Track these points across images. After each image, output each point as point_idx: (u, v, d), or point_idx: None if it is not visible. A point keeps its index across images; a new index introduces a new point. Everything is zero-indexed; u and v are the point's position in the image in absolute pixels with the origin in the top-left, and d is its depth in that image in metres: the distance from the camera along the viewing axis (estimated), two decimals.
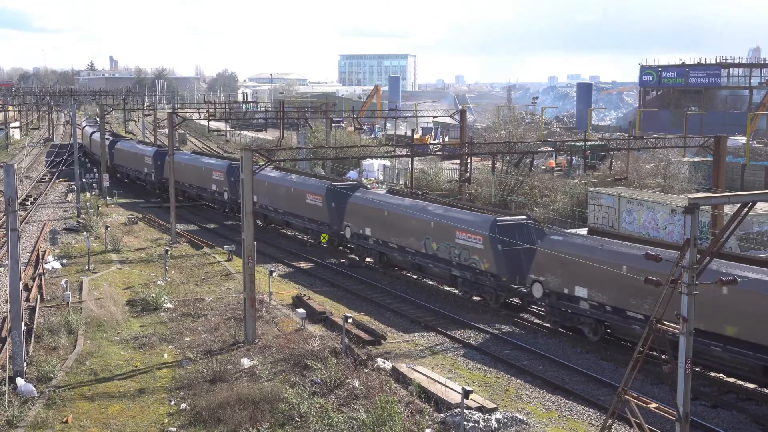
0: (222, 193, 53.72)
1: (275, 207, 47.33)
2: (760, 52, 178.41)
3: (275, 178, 47.48)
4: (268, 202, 47.82)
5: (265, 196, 47.52)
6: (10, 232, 23.64)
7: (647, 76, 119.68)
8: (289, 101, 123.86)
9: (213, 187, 54.95)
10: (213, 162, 57.81)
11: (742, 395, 23.25)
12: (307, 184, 44.47)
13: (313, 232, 43.93)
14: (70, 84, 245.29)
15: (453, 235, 32.62)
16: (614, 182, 49.44)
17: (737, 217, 14.61)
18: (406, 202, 36.65)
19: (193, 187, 58.28)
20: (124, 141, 77.35)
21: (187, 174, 58.03)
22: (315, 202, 42.81)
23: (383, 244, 37.32)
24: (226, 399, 21.40)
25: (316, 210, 42.87)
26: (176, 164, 54.57)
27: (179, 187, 56.89)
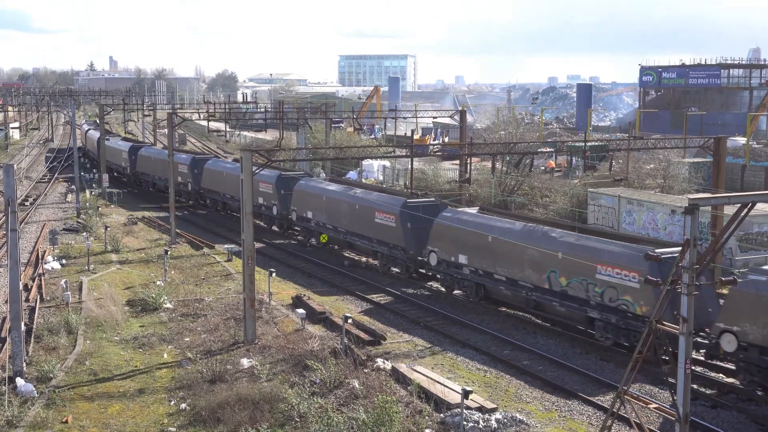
0: (270, 207, 48.33)
1: (335, 225, 41.47)
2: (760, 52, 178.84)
3: (335, 192, 41.94)
4: (326, 220, 42.21)
5: (322, 212, 42.35)
6: (10, 232, 23.64)
7: (647, 76, 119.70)
8: (288, 102, 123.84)
9: (259, 200, 48.39)
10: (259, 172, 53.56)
11: (742, 396, 23.24)
12: (375, 201, 38.66)
13: (383, 256, 38.30)
14: (70, 84, 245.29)
15: (592, 270, 26.79)
16: (614, 183, 49.36)
17: (737, 218, 14.62)
18: (517, 226, 30.76)
19: (236, 199, 49.70)
20: (149, 148, 72.13)
21: (228, 184, 52.29)
22: (386, 222, 37.23)
23: (485, 275, 31.62)
24: (225, 399, 21.41)
25: (388, 231, 37.20)
26: (215, 173, 54.77)
27: (218, 198, 55.10)
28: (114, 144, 75.64)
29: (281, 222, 48.34)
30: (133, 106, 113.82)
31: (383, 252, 37.94)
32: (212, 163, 57.30)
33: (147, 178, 66.85)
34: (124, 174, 71.91)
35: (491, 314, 31.64)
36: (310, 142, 73.24)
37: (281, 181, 47.36)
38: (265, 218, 49.65)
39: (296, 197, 44.86)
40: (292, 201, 45.26)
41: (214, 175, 55.40)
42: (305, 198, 43.95)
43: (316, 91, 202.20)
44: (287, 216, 46.38)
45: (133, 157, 68.99)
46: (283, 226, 48.33)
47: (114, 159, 73.51)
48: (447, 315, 31.36)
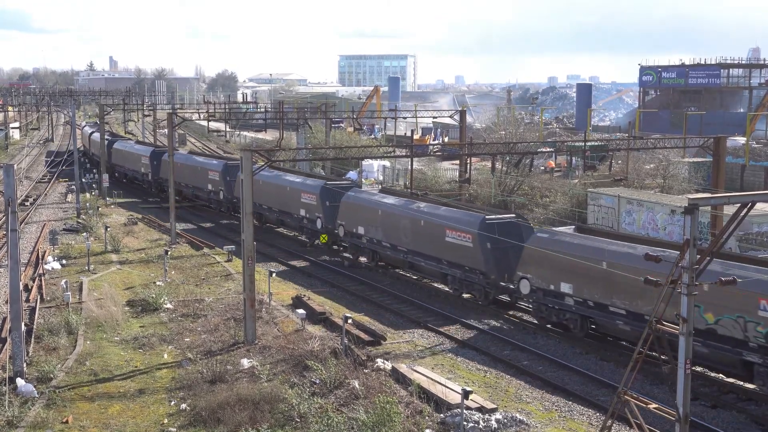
0: (314, 220, 43.69)
1: (393, 243, 36.63)
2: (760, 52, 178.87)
3: (394, 206, 37.06)
4: (382, 236, 37.26)
5: (377, 227, 37.57)
6: (10, 232, 23.64)
7: (647, 76, 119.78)
8: (288, 102, 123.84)
9: (301, 212, 44.87)
10: (300, 181, 46.16)
11: (742, 395, 23.25)
12: (446, 217, 33.45)
13: (455, 279, 33.35)
14: (70, 84, 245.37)
15: (753, 304, 22.07)
16: (614, 183, 49.45)
17: (737, 218, 14.62)
18: (639, 251, 25.18)
19: (275, 210, 48.06)
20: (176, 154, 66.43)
21: (267, 194, 47.71)
22: (461, 242, 32.26)
23: (596, 307, 26.82)
24: (226, 399, 21.42)
25: (463, 252, 32.23)
26: (262, 183, 46.85)
27: (258, 210, 47.29)
28: (129, 148, 72.21)
29: (329, 234, 43.31)
30: (133, 106, 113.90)
31: (455, 275, 33.02)
32: None
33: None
34: (144, 181, 66.92)
35: (491, 314, 31.65)
36: (310, 142, 73.26)
37: (326, 192, 42.63)
38: (308, 232, 44.74)
39: (345, 210, 40.17)
40: (340, 214, 40.59)
41: None
42: (356, 211, 39.32)
43: (316, 91, 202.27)
44: (333, 230, 42.05)
45: (156, 162, 63.52)
46: (328, 242, 43.63)
47: (130, 164, 69.97)
48: (447, 315, 31.37)
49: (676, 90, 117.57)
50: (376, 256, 38.50)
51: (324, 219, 42.55)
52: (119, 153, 72.67)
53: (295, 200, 44.87)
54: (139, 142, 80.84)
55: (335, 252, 43.01)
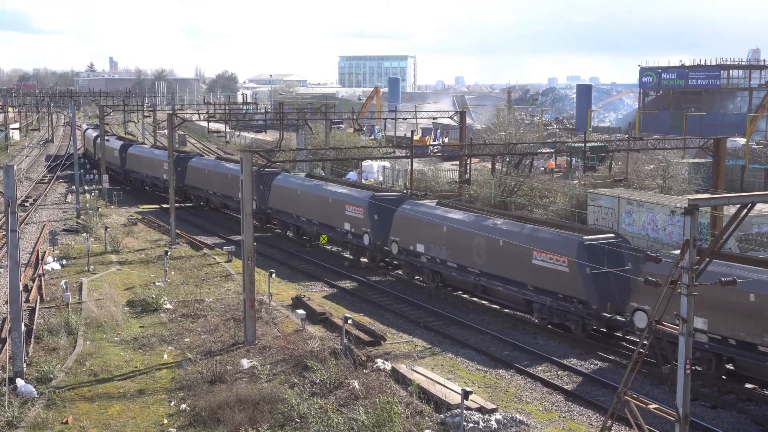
0: (360, 235, 39.11)
1: (463, 264, 32.20)
2: (760, 53, 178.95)
3: (463, 222, 32.52)
4: (448, 255, 33.04)
5: (441, 245, 33.29)
6: (10, 233, 23.65)
7: (647, 77, 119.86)
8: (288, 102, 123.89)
9: (346, 227, 40.16)
10: (345, 192, 41.58)
11: (742, 396, 23.25)
12: (533, 237, 29.51)
13: (543, 307, 29.12)
14: (70, 85, 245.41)
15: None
16: (614, 183, 49.46)
17: (737, 218, 14.63)
18: None
19: (314, 223, 43.87)
20: (200, 158, 62.60)
21: (312, 207, 43.63)
22: (553, 265, 28.10)
23: (745, 348, 22.49)
24: (225, 400, 21.42)
25: (555, 277, 28.08)
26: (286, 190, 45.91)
27: (296, 222, 45.65)
28: (148, 153, 67.17)
29: (374, 254, 39.02)
30: (133, 107, 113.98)
31: (545, 303, 28.90)
32: (283, 179, 47.91)
33: (198, 193, 58.70)
34: (165, 188, 60.09)
35: (491, 314, 31.65)
36: (310, 143, 73.29)
37: (375, 204, 38.60)
38: (354, 248, 40.44)
39: (399, 225, 36.07)
40: (393, 229, 36.52)
41: (285, 193, 46.64)
42: (414, 226, 35.12)
43: (316, 92, 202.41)
44: (382, 247, 38.00)
45: (180, 168, 58.83)
46: (375, 259, 39.08)
47: (149, 170, 65.17)
48: (447, 315, 31.37)
49: (676, 91, 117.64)
50: (438, 277, 34.26)
51: (372, 234, 38.29)
52: (136, 158, 68.34)
53: (339, 213, 40.56)
54: (159, 147, 76.07)
55: (382, 270, 38.65)
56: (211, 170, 55.80)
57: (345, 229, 40.17)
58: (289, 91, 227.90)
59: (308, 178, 47.26)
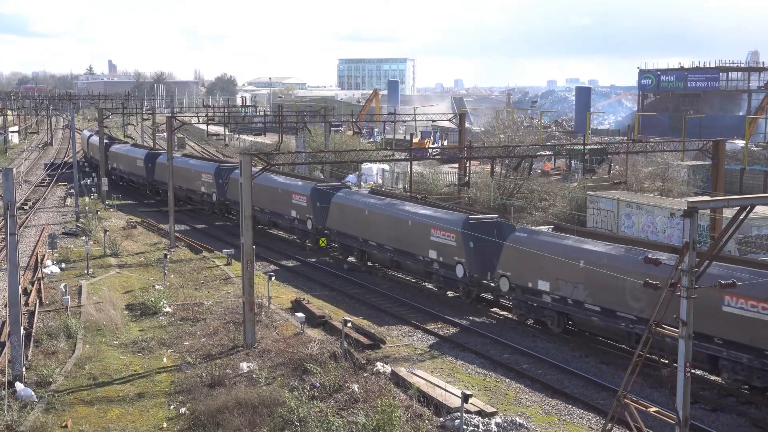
0: (452, 266, 33.16)
1: (612, 308, 26.25)
2: (759, 55, 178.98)
3: (607, 256, 26.54)
4: (586, 296, 27.17)
5: (576, 284, 27.43)
6: (9, 236, 23.62)
7: (646, 79, 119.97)
8: (288, 105, 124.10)
9: (431, 254, 34.40)
10: (429, 213, 35.47)
11: (742, 399, 23.23)
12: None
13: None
14: (69, 88, 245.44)
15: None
16: (613, 186, 49.49)
17: (736, 221, 14.62)
18: None
19: (387, 249, 37.73)
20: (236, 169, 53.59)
21: (383, 228, 37.67)
22: (753, 313, 22.08)
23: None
24: (225, 403, 21.38)
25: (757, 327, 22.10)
26: (368, 214, 38.70)
27: (363, 247, 39.53)
28: (182, 163, 59.52)
29: (470, 288, 32.88)
30: (132, 110, 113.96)
31: (740, 361, 22.77)
32: (344, 196, 41.67)
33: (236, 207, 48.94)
34: (204, 203, 55.99)
35: (491, 317, 31.63)
36: (309, 146, 73.34)
37: (472, 229, 32.34)
38: (442, 280, 34.26)
39: (513, 257, 30.07)
40: (503, 262, 30.61)
41: (349, 212, 40.40)
42: (534, 260, 28.90)
43: (316, 95, 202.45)
44: (480, 280, 32.14)
45: (222, 181, 53.75)
46: (470, 294, 32.91)
47: (183, 183, 58.37)
48: (447, 318, 31.35)
49: (675, 93, 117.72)
50: (565, 319, 28.76)
51: (469, 265, 32.25)
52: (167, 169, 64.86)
53: (423, 238, 34.51)
54: (193, 155, 71.61)
55: (480, 310, 32.66)
56: (258, 184, 50.34)
57: (430, 257, 34.11)
58: (288, 93, 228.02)
59: (372, 194, 41.47)
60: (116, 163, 73.49)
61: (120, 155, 72.83)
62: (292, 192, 45.25)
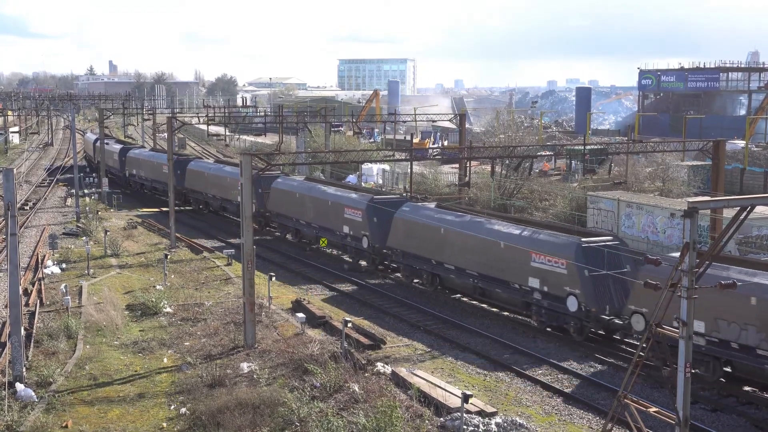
0: (563, 297, 28.13)
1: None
2: (759, 56, 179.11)
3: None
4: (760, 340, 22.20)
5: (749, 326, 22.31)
6: (10, 236, 23.64)
7: (646, 80, 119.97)
8: (288, 105, 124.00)
9: (532, 284, 29.41)
10: (527, 236, 30.23)
11: (742, 399, 23.23)
12: None
13: None
14: (70, 89, 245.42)
15: None
16: (613, 186, 49.49)
17: (736, 221, 14.62)
18: None
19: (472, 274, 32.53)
20: (288, 179, 49.15)
21: (470, 252, 32.27)
22: None
23: None
24: (225, 403, 21.39)
25: None
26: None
27: (423, 266, 35.13)
28: (217, 170, 55.53)
29: (584, 324, 27.93)
30: (132, 111, 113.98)
31: None
32: (410, 211, 36.71)
33: (283, 221, 47.61)
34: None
35: (491, 318, 31.63)
36: (309, 146, 73.34)
37: (587, 255, 27.68)
38: (545, 313, 29.33)
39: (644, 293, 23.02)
40: (635, 295, 25.40)
41: (416, 229, 35.54)
42: None
43: (316, 95, 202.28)
44: (598, 315, 27.26)
45: (262, 190, 48.53)
46: (584, 331, 28.08)
47: (216, 191, 54.06)
48: (447, 319, 31.35)
49: (675, 94, 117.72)
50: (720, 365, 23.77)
51: (585, 297, 27.35)
52: (198, 176, 57.50)
53: (520, 263, 29.71)
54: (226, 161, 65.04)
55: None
56: (304, 195, 44.62)
57: (531, 287, 29.34)
58: (288, 94, 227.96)
59: (470, 212, 35.13)
60: (136, 169, 67.57)
61: (141, 161, 66.68)
62: (345, 205, 40.31)
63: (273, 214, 48.17)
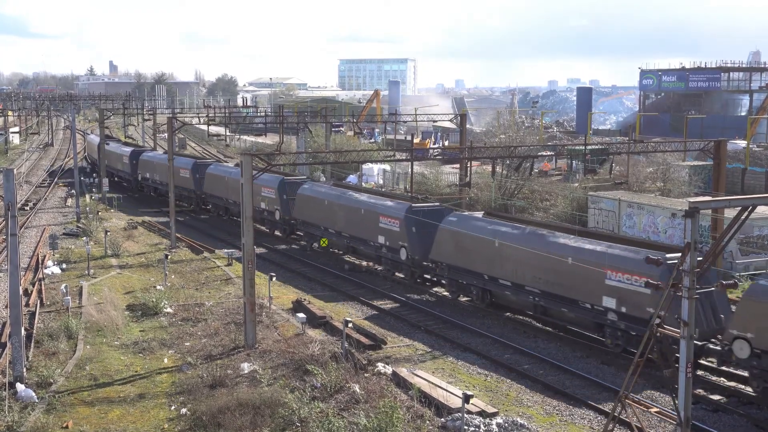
0: (638, 316, 24.94)
1: None
2: (760, 55, 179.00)
3: None
4: None
5: None
6: (10, 236, 23.62)
7: (647, 80, 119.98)
8: (288, 105, 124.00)
9: (607, 303, 26.14)
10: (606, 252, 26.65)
11: (744, 399, 23.20)
12: None
13: None
14: (70, 89, 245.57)
15: None
16: (614, 186, 49.46)
17: (738, 221, 14.60)
18: None
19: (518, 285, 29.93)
20: (315, 185, 46.20)
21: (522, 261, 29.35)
22: None
23: None
24: (226, 404, 21.38)
25: None
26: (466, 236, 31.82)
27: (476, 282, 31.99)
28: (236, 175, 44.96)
29: None
30: (133, 111, 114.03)
31: None
32: (458, 222, 33.48)
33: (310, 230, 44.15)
34: (268, 221, 47.16)
35: (492, 318, 31.60)
36: (310, 146, 73.33)
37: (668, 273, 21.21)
38: (620, 335, 26.17)
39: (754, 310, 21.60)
40: (740, 317, 22.13)
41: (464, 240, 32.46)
42: None
43: (316, 95, 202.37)
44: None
45: (285, 196, 46.50)
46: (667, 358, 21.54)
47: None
48: (447, 319, 31.31)
49: (676, 93, 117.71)
50: None
51: None
52: (217, 180, 54.42)
53: (597, 283, 26.19)
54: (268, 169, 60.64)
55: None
56: (333, 201, 41.67)
57: (607, 306, 26.19)
58: (289, 94, 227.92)
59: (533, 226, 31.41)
60: (149, 173, 64.20)
61: (155, 164, 62.88)
62: (380, 214, 37.33)
63: (299, 222, 45.13)
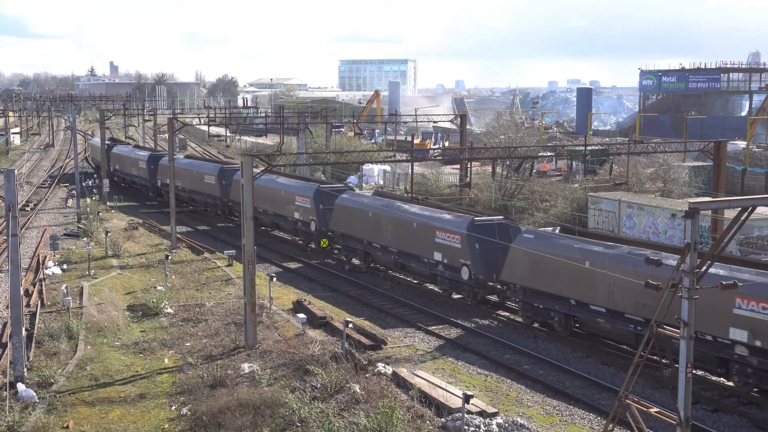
0: None
1: None
2: (760, 56, 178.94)
3: None
4: None
5: None
6: (11, 237, 23.65)
7: (647, 80, 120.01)
8: (289, 106, 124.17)
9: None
10: None
11: (744, 399, 23.23)
12: None
13: None
14: (71, 89, 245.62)
15: None
16: (614, 187, 49.50)
17: (737, 222, 14.61)
18: None
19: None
20: (355, 194, 43.54)
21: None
22: None
23: None
24: (226, 404, 21.40)
25: None
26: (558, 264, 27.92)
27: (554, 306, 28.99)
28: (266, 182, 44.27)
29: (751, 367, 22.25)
30: (133, 111, 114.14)
31: None
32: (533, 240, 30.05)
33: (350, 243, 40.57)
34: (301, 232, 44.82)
35: (492, 318, 31.62)
36: (310, 147, 73.38)
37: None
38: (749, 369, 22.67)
39: None
40: None
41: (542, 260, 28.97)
42: None
43: (317, 96, 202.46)
44: None
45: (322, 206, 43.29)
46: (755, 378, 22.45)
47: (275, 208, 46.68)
48: (448, 319, 31.33)
49: (676, 94, 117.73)
50: None
51: None
52: (270, 193, 47.57)
53: (725, 312, 22.49)
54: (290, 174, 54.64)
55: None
56: (378, 213, 38.43)
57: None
58: (289, 94, 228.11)
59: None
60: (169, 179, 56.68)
61: (177, 170, 53.31)
62: (437, 228, 33.92)
63: (336, 235, 41.66)
